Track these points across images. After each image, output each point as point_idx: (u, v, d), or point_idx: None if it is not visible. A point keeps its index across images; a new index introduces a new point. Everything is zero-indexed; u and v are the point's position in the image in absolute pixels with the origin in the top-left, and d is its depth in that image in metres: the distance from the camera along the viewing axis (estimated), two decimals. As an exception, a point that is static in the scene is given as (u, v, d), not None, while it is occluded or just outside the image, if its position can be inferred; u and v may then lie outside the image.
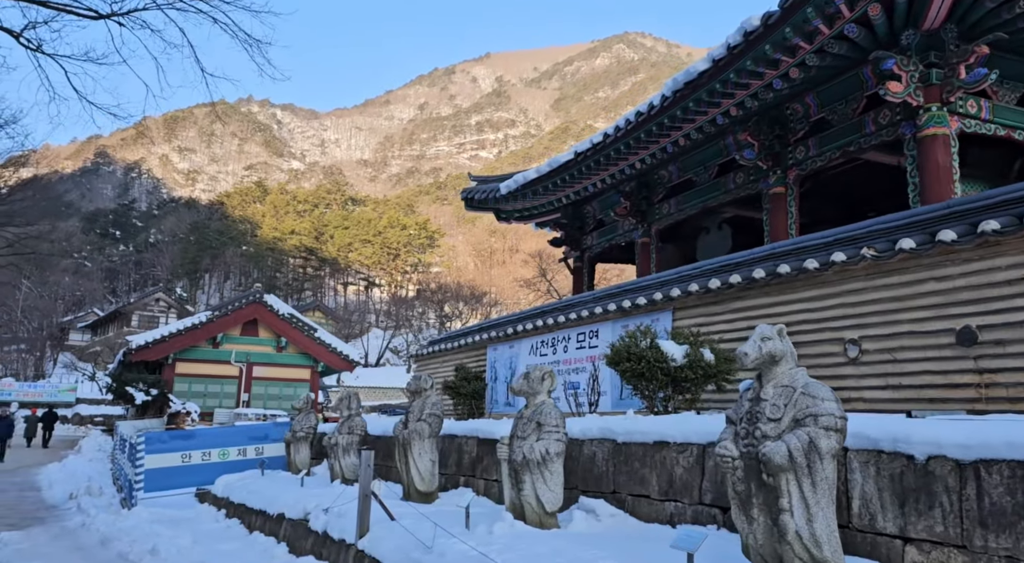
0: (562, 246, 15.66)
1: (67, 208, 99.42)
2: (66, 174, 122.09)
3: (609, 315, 8.81)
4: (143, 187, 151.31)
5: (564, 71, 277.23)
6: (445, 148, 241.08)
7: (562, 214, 15.16)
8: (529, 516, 5.46)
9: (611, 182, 12.78)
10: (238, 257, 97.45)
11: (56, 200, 65.69)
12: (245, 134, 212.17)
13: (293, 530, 7.65)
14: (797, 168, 10.06)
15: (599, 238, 14.77)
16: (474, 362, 12.14)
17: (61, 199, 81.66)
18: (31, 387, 48.08)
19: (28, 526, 10.54)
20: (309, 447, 11.34)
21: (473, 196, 15.58)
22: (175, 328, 29.53)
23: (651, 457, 5.23)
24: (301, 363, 32.54)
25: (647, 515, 5.17)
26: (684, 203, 12.31)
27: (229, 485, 10.76)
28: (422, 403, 7.67)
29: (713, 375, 6.10)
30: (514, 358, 10.91)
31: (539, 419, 5.59)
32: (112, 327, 73.59)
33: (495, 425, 7.51)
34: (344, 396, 9.83)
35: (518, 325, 10.77)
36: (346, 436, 9.50)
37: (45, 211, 41.14)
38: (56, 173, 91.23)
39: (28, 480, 17.11)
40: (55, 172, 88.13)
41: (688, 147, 11.18)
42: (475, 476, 7.62)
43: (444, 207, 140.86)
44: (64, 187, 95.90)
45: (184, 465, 11.28)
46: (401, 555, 5.30)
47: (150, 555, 7.27)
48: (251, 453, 11.81)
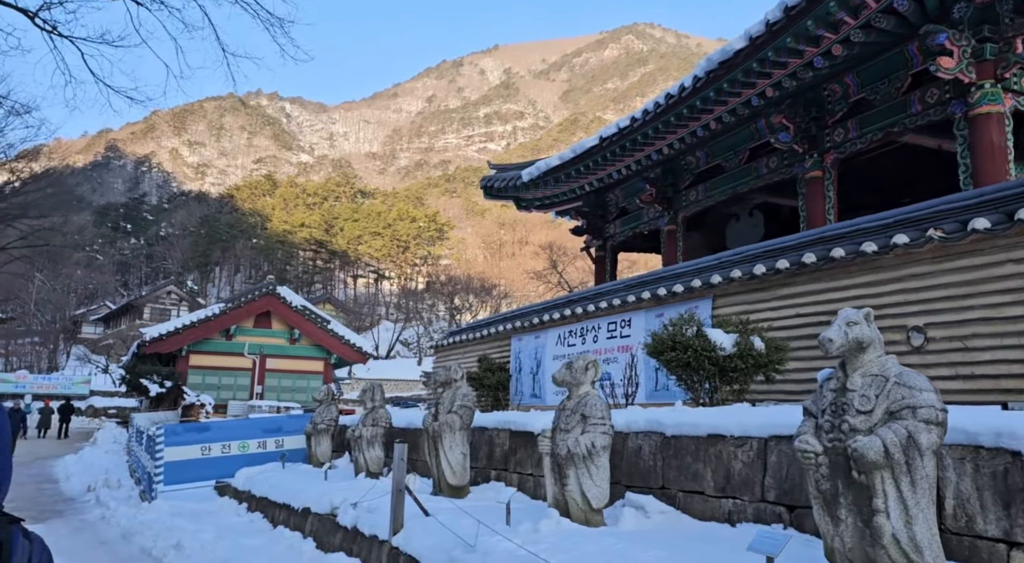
0: (583, 235, 15.34)
1: (79, 202, 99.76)
2: (77, 168, 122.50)
3: (643, 304, 8.50)
4: (153, 181, 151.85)
5: (573, 63, 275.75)
6: (453, 140, 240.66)
7: (584, 202, 14.83)
8: (574, 513, 5.18)
9: (636, 168, 12.44)
10: (248, 250, 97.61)
11: (68, 194, 65.80)
12: (254, 128, 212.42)
13: (320, 525, 7.41)
14: (835, 151, 9.69)
15: (622, 226, 14.43)
16: (498, 353, 11.87)
17: (73, 193, 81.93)
18: (45, 379, 48.32)
19: (48, 519, 10.39)
20: (330, 439, 11.13)
21: (492, 184, 15.27)
22: (188, 320, 29.46)
23: (705, 451, 4.94)
24: (314, 355, 32.42)
25: (701, 513, 4.88)
26: (713, 189, 11.95)
27: (250, 478, 10.57)
28: (452, 394, 7.40)
29: (763, 365, 5.80)
30: (540, 349, 10.63)
31: (584, 411, 5.30)
32: (124, 320, 73.94)
33: (528, 417, 7.24)
34: (368, 387, 9.58)
35: (544, 315, 10.49)
36: (370, 428, 9.26)
37: (57, 204, 41.17)
38: (68, 167, 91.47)
39: (45, 472, 17.04)
40: (67, 166, 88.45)
41: (719, 131, 10.82)
42: (507, 470, 7.35)
43: (453, 200, 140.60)
44: (75, 181, 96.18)
45: (204, 458, 11.09)
46: (441, 554, 5.04)
47: (175, 550, 7.06)
48: (271, 446, 11.61)
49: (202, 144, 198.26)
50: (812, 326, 6.25)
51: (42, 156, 32.70)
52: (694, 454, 5.03)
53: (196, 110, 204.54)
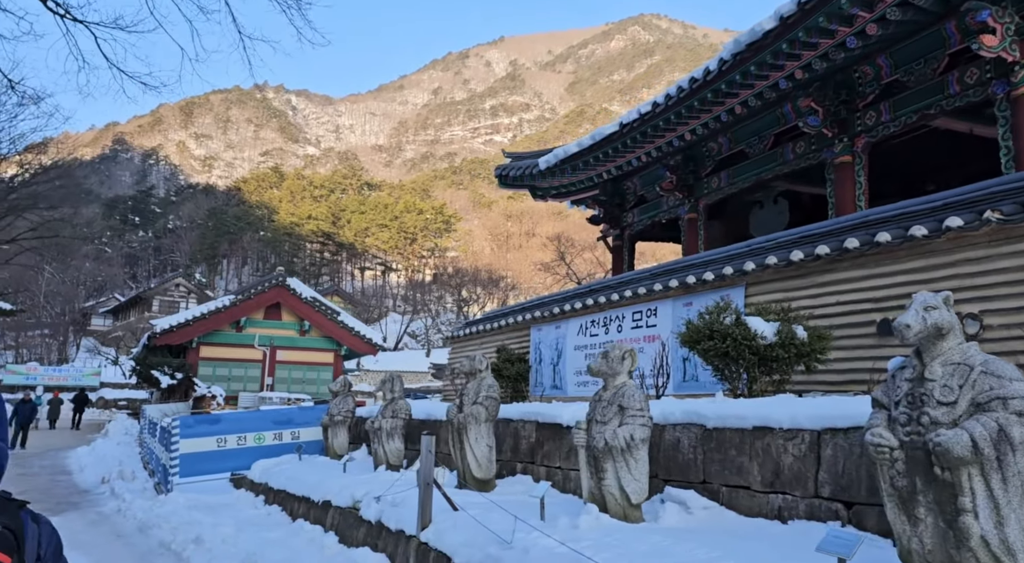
0: (600, 223, 15.08)
1: (87, 194, 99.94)
2: (85, 161, 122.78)
3: (670, 292, 8.27)
4: (160, 173, 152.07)
5: (579, 54, 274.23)
6: (459, 133, 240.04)
7: (601, 190, 14.57)
8: (611, 508, 4.97)
9: (657, 155, 12.16)
10: (256, 242, 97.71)
11: (76, 186, 65.94)
12: (260, 120, 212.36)
13: (342, 519, 7.24)
14: (866, 135, 9.40)
15: (640, 215, 14.17)
16: (517, 343, 11.67)
17: (81, 185, 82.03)
18: (56, 371, 48.51)
19: (63, 511, 10.28)
20: (347, 431, 10.97)
21: (508, 173, 15.02)
22: (199, 312, 29.39)
23: (750, 444, 4.72)
24: (324, 347, 32.32)
25: (747, 508, 4.66)
26: (735, 176, 11.68)
27: (266, 470, 10.43)
28: (477, 385, 7.20)
29: (806, 355, 5.56)
30: (561, 339, 10.41)
31: (621, 402, 5.08)
32: (133, 312, 74.19)
33: (556, 408, 7.03)
34: (387, 378, 9.40)
35: (565, 304, 10.26)
36: (390, 420, 9.08)
37: (66, 196, 41.18)
38: (76, 160, 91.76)
39: (58, 463, 16.98)
40: (75, 159, 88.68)
41: (743, 116, 10.53)
42: (534, 463, 7.16)
43: (460, 192, 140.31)
44: (83, 173, 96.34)
45: (219, 450, 10.95)
46: (475, 550, 4.84)
47: (195, 545, 6.90)
48: (287, 437, 11.46)
49: (209, 137, 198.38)
50: (854, 314, 6.01)
51: (50, 148, 32.57)
52: (739, 447, 4.81)
53: (203, 103, 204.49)
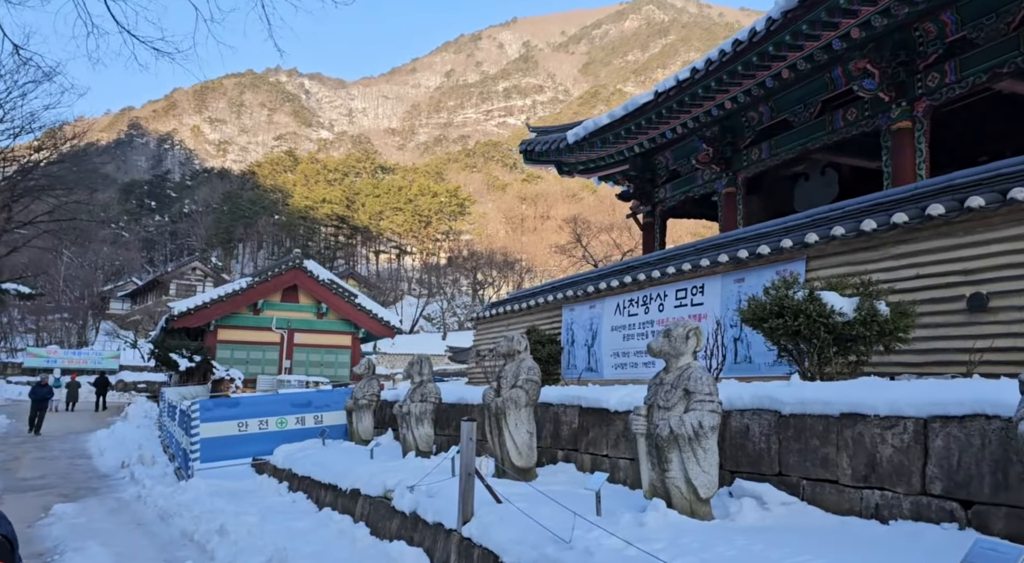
0: (630, 200, 14.48)
1: (103, 179, 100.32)
2: (101, 146, 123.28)
3: (718, 268, 7.71)
4: (175, 158, 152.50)
5: (592, 34, 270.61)
6: (472, 115, 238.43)
7: (631, 165, 13.94)
8: (677, 502, 4.48)
9: (693, 126, 11.51)
10: (270, 226, 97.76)
11: (93, 171, 66.09)
12: (274, 104, 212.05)
13: (373, 509, 6.83)
14: (927, 98, 8.72)
15: (673, 191, 13.55)
16: (547, 324, 11.17)
17: (97, 170, 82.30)
18: (75, 354, 48.81)
19: (82, 497, 10.00)
20: (372, 415, 10.57)
21: (533, 148, 14.43)
22: (216, 294, 29.18)
23: (838, 433, 4.19)
24: (342, 329, 32.05)
25: (835, 505, 4.15)
26: (778, 148, 11.02)
27: (290, 456, 10.06)
28: (516, 367, 6.72)
29: (888, 333, 5.00)
30: (595, 319, 9.90)
31: (687, 385, 4.57)
32: (151, 296, 74.60)
33: (601, 392, 6.53)
34: (415, 361, 8.95)
35: (600, 282, 9.73)
36: (419, 404, 8.65)
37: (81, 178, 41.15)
38: (92, 145, 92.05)
39: (78, 447, 16.82)
40: (90, 144, 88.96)
41: (789, 81, 9.85)
42: (577, 450, 6.68)
43: (473, 175, 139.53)
44: (100, 158, 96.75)
45: (240, 434, 10.60)
46: (527, 549, 4.38)
47: (218, 536, 6.52)
48: (310, 422, 11.09)
49: (223, 121, 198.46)
50: (939, 288, 5.44)
51: (66, 132, 32.36)
52: (823, 436, 4.29)
53: (216, 87, 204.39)
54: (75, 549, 6.68)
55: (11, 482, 11.40)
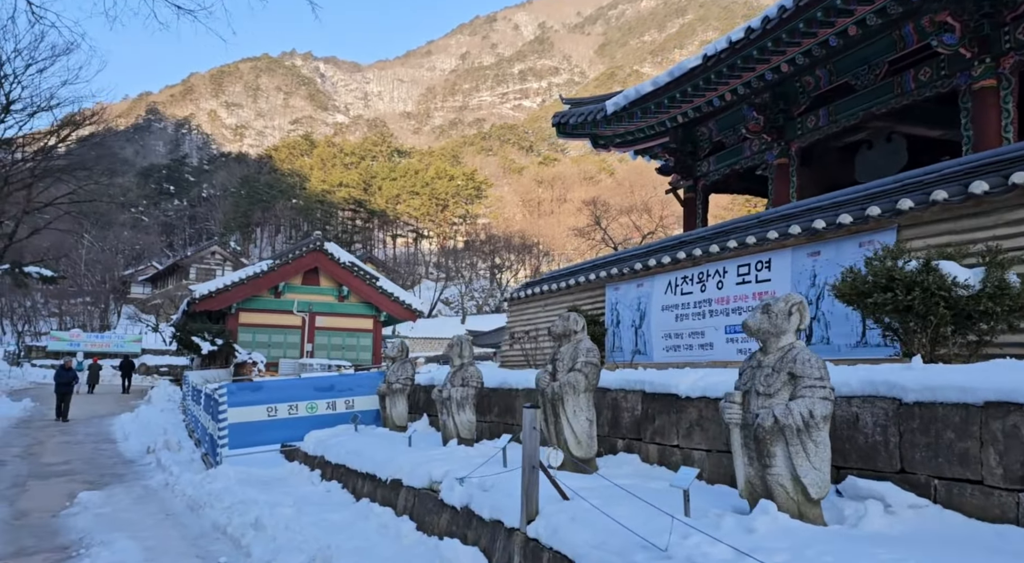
0: (670, 174, 13.77)
1: (122, 164, 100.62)
2: (119, 130, 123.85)
3: (788, 241, 7.04)
4: (193, 143, 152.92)
5: (608, 15, 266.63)
6: (488, 98, 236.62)
7: (671, 137, 13.22)
8: (782, 502, 3.89)
9: (743, 93, 10.75)
10: (288, 210, 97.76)
11: (112, 155, 66.18)
12: (290, 88, 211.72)
13: (418, 502, 6.32)
14: (1016, 54, 7.93)
15: (717, 164, 12.82)
16: (589, 304, 10.57)
17: (117, 155, 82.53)
18: (98, 338, 49.13)
19: (107, 484, 9.63)
20: (406, 400, 10.07)
21: (567, 121, 13.73)
22: (237, 277, 28.90)
23: (982, 425, 3.57)
24: (363, 312, 31.70)
25: (980, 510, 3.54)
26: (837, 114, 10.25)
27: (321, 442, 9.60)
28: (573, 349, 6.14)
29: (1019, 308, 4.34)
30: (643, 298, 9.27)
31: (792, 369, 3.96)
32: (171, 280, 74.98)
33: (669, 376, 5.94)
34: (455, 342, 8.40)
35: (649, 259, 9.09)
36: (460, 388, 8.11)
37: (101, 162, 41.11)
38: (110, 129, 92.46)
39: (102, 430, 16.59)
40: (109, 128, 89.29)
41: (855, 39, 9.07)
42: (641, 439, 6.11)
43: (489, 158, 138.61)
44: (119, 143, 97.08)
45: (269, 420, 10.16)
46: (611, 555, 3.81)
47: (253, 529, 6.06)
48: (340, 406, 10.62)
49: (239, 105, 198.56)
50: (1070, 258, 4.76)
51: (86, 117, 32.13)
52: (960, 429, 3.66)
53: (232, 71, 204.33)
54: (102, 542, 6.26)
55: (35, 468, 11.09)
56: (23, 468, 11.07)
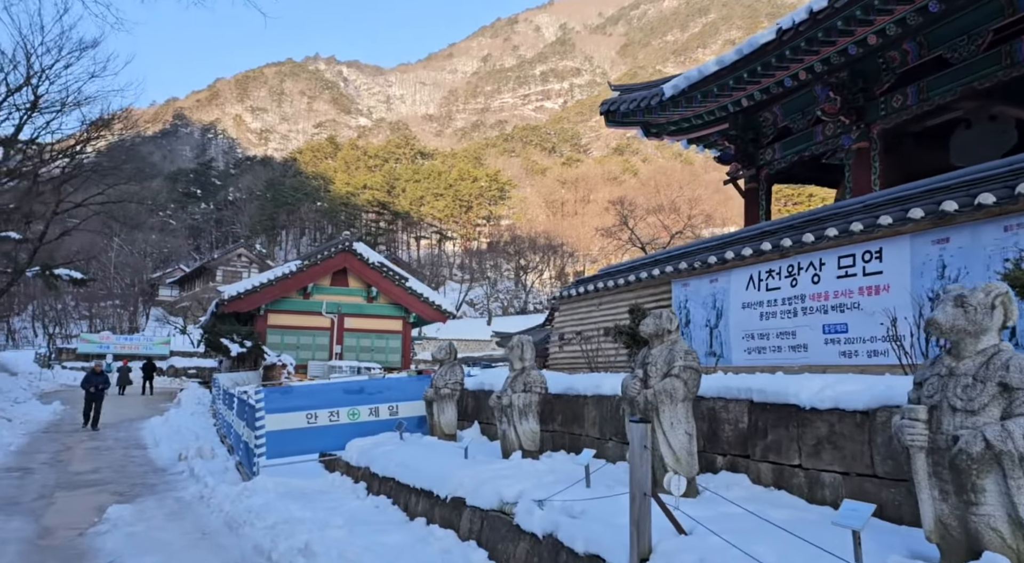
0: (729, 163, 12.85)
1: (151, 168, 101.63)
2: (147, 136, 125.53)
3: (906, 226, 6.13)
4: (219, 147, 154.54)
5: (630, 15, 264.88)
6: (510, 100, 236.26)
7: (731, 124, 12.30)
8: (994, 546, 3.03)
9: (819, 71, 9.80)
10: (313, 212, 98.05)
11: (141, 160, 66.64)
12: (313, 92, 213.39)
13: (487, 526, 5.52)
14: None
15: (782, 151, 11.88)
16: (652, 302, 9.71)
17: (146, 160, 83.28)
18: (127, 340, 49.26)
19: (139, 496, 9.00)
20: (455, 406, 9.30)
21: (616, 108, 12.87)
22: (266, 278, 28.47)
23: None
24: (392, 314, 31.09)
25: None
26: (929, 91, 9.28)
27: (365, 452, 8.87)
28: (668, 351, 5.30)
29: None
30: (719, 295, 8.40)
31: (1004, 379, 3.09)
32: (198, 282, 75.39)
33: (780, 382, 5.08)
34: (516, 343, 7.61)
35: (725, 251, 8.21)
36: (521, 395, 7.31)
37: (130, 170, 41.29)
38: (139, 136, 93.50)
39: (132, 435, 16.10)
40: (137, 134, 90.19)
41: (959, 5, 8.12)
42: (748, 457, 5.25)
43: (512, 159, 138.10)
44: (147, 149, 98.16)
45: (309, 427, 9.46)
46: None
47: (303, 557, 5.32)
48: (384, 413, 9.89)
49: (264, 110, 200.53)
50: None
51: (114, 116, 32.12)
52: None
53: (257, 76, 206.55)
54: (132, 568, 5.57)
55: (63, 476, 10.53)
56: (51, 477, 10.52)
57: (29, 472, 10.92)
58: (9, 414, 18.19)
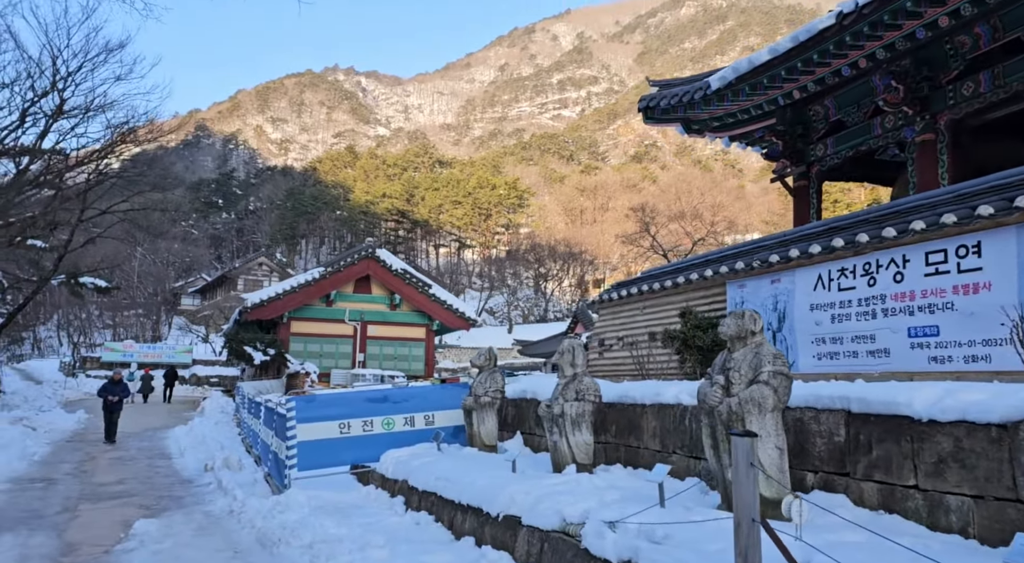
0: (777, 159, 12.24)
1: (173, 179, 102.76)
2: (170, 148, 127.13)
3: (1011, 217, 5.51)
4: (240, 157, 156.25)
5: (647, 23, 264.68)
6: (527, 108, 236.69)
7: (779, 118, 11.69)
8: None
9: (881, 58, 9.20)
10: (332, 221, 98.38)
11: (163, 171, 67.36)
12: (332, 102, 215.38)
13: (549, 549, 4.97)
14: None
15: (835, 146, 11.25)
16: (703, 305, 9.13)
17: (168, 171, 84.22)
18: (150, 349, 49.45)
19: (165, 509, 8.57)
20: (496, 415, 8.78)
21: (657, 104, 12.34)
22: (289, 285, 28.21)
23: None
24: (416, 321, 30.67)
25: None
26: (1007, 76, 8.64)
27: (401, 463, 8.36)
28: (754, 355, 4.74)
29: None
30: (783, 296, 7.80)
31: None
32: (220, 291, 75.78)
33: (889, 390, 4.49)
34: (566, 348, 7.07)
35: (789, 249, 7.61)
36: (574, 403, 6.77)
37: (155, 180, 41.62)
38: (162, 148, 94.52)
39: (156, 445, 15.76)
40: (160, 146, 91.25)
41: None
42: (847, 475, 4.65)
43: (530, 168, 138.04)
44: (169, 160, 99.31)
45: (341, 437, 8.98)
46: None
47: (347, 584, 4.80)
48: (420, 422, 9.38)
49: (284, 120, 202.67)
50: None
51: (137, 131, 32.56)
52: None
53: (277, 87, 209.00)
54: (161, 593, 5.09)
55: (87, 488, 10.14)
56: (74, 488, 10.13)
57: (53, 483, 10.56)
58: (34, 423, 17.97)
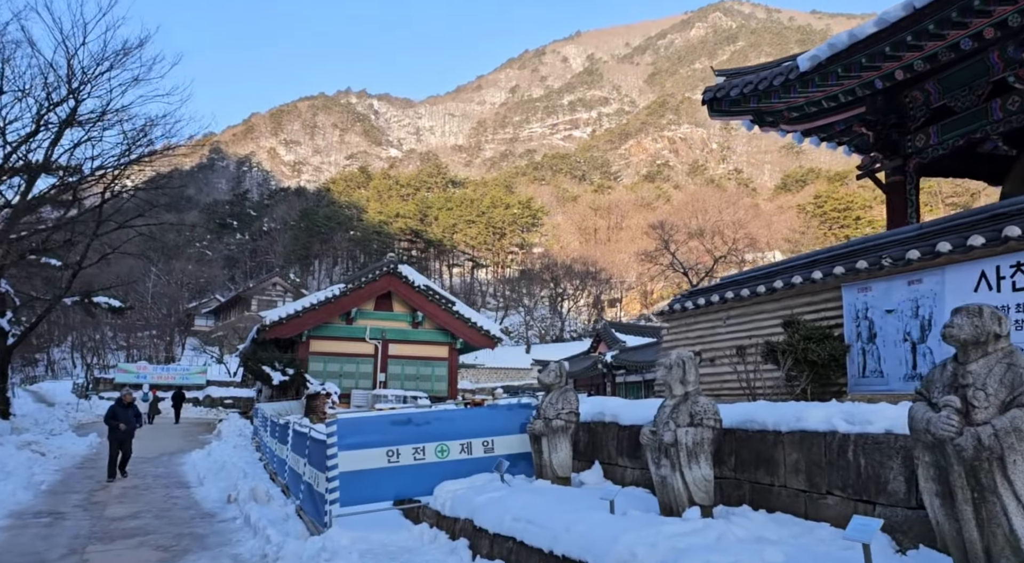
0: (866, 153, 11.00)
1: (187, 201, 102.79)
2: (185, 170, 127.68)
3: None
4: (254, 179, 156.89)
5: (657, 45, 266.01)
6: (538, 130, 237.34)
7: (868, 106, 10.48)
8: None
9: (1013, 25, 7.99)
10: (345, 242, 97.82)
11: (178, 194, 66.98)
12: (345, 125, 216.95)
13: (717, 631, 3.67)
14: None
15: (940, 135, 9.99)
16: (810, 313, 7.84)
17: (182, 193, 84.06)
18: (164, 370, 48.44)
19: (187, 551, 7.31)
20: (570, 442, 7.49)
21: (726, 94, 11.16)
22: (308, 303, 27.09)
23: None
24: (438, 340, 29.41)
25: None
26: None
27: (462, 499, 7.08)
28: (1005, 368, 3.46)
29: None
30: (927, 300, 6.50)
31: None
32: (233, 312, 75.03)
33: None
34: (674, 362, 5.79)
35: (937, 242, 6.33)
36: (689, 430, 5.48)
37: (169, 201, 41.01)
38: (176, 170, 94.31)
39: (173, 472, 14.53)
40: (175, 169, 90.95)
41: None
42: None
43: (542, 187, 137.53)
44: (184, 182, 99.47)
45: (390, 466, 7.71)
46: None
47: None
48: (478, 449, 8.10)
49: (297, 143, 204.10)
50: None
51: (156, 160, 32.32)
52: None
53: (291, 110, 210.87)
54: None
55: (98, 524, 8.90)
56: (84, 524, 8.90)
57: (60, 517, 9.35)
58: (43, 447, 16.82)
